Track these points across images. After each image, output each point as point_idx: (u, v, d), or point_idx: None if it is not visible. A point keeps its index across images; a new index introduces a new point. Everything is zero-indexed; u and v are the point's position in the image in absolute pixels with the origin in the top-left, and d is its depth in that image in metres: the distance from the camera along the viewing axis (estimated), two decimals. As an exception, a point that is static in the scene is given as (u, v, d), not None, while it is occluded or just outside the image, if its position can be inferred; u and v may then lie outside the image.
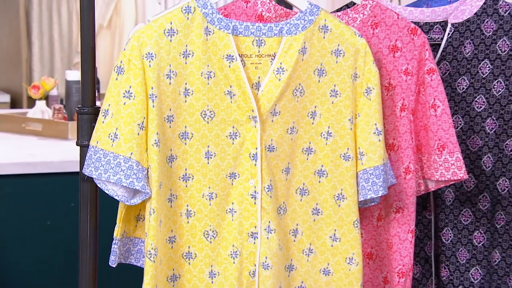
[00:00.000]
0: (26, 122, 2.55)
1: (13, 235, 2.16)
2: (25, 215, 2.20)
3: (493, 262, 1.53)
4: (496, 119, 1.49)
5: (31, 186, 2.22)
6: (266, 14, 1.44)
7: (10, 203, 2.21)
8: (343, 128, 1.36)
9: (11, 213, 2.20)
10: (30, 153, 2.35)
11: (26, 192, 2.22)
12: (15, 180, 2.21)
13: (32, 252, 2.17)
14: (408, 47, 1.42)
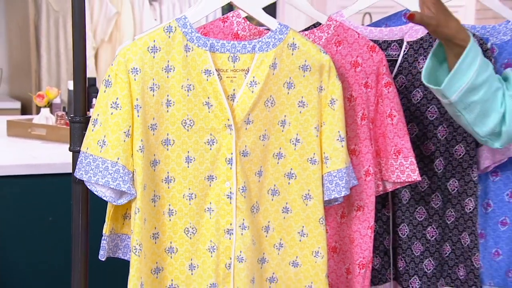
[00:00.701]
0: (31, 128, 2.52)
1: (18, 231, 2.12)
2: (29, 212, 2.16)
3: (444, 254, 1.51)
4: (446, 127, 1.47)
5: (35, 185, 2.19)
6: (241, 33, 1.40)
7: (16, 201, 2.17)
8: (310, 135, 1.34)
9: (17, 210, 2.16)
10: (34, 155, 2.31)
11: (30, 191, 2.18)
12: (21, 180, 2.17)
13: (35, 245, 2.13)
14: (367, 63, 1.39)
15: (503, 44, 1.50)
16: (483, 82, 1.25)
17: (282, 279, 1.37)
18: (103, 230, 1.31)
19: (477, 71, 1.24)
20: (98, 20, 3.92)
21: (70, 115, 1.37)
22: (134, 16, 4.02)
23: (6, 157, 2.30)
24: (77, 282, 1.36)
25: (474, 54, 1.24)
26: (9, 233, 2.11)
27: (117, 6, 3.94)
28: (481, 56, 1.25)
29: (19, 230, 2.13)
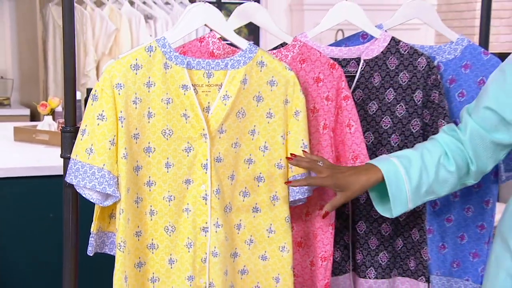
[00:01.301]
0: (36, 133, 2.49)
1: (22, 227, 2.09)
2: (33, 210, 2.13)
3: (397, 247, 1.50)
4: (399, 135, 1.46)
5: (39, 186, 2.16)
6: (216, 51, 1.39)
7: (21, 200, 2.14)
8: (277, 143, 1.33)
9: (22, 208, 2.13)
10: (38, 159, 2.29)
11: (34, 191, 2.15)
12: (26, 181, 2.14)
13: (37, 239, 2.11)
14: (328, 79, 1.38)
15: (447, 62, 1.50)
16: (419, 185, 1.22)
17: (252, 271, 1.36)
18: (91, 229, 1.30)
19: (409, 185, 1.22)
20: (99, 36, 3.89)
21: (62, 125, 1.35)
22: (131, 32, 3.99)
23: (13, 160, 2.28)
24: (68, 274, 1.34)
25: (394, 176, 1.21)
26: (14, 229, 2.09)
27: (116, 23, 3.90)
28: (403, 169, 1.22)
29: (24, 226, 2.11)
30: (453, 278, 1.55)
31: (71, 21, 1.33)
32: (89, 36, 3.85)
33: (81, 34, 3.91)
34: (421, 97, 1.44)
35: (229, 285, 1.32)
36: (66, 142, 1.32)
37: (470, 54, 1.48)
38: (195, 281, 1.30)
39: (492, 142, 1.24)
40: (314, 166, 1.24)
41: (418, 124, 1.45)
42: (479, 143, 1.25)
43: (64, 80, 1.32)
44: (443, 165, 1.24)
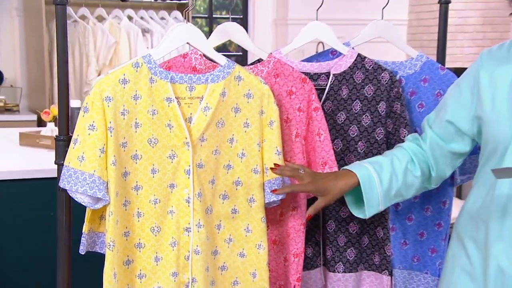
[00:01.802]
0: (39, 138, 2.46)
1: (26, 225, 2.06)
2: (36, 209, 2.10)
3: (363, 244, 1.50)
4: (365, 142, 1.46)
5: (41, 187, 2.13)
6: (198, 66, 1.38)
7: (25, 200, 2.11)
8: (253, 150, 1.32)
9: (26, 208, 2.10)
10: (41, 162, 2.25)
11: (36, 192, 2.12)
12: (30, 183, 2.11)
13: (39, 236, 2.08)
14: (300, 92, 1.38)
15: (408, 76, 1.49)
16: (389, 189, 1.22)
17: (231, 267, 1.34)
18: (83, 229, 1.28)
19: (381, 188, 1.21)
20: (101, 48, 3.86)
21: (55, 134, 1.33)
22: (130, 44, 3.96)
23: (18, 163, 2.25)
24: (62, 271, 1.33)
25: (368, 180, 1.21)
26: (16, 227, 2.06)
27: (116, 36, 3.87)
28: (375, 174, 1.21)
29: (25, 224, 2.08)
30: (414, 272, 1.55)
31: (64, 37, 1.32)
32: (91, 48, 3.82)
33: (84, 46, 3.88)
34: (384, 108, 1.44)
35: (210, 281, 1.31)
36: (59, 150, 1.30)
37: (428, 69, 1.48)
38: (179, 277, 1.28)
39: (450, 152, 1.24)
40: (296, 174, 1.23)
41: (382, 132, 1.45)
42: (438, 152, 1.25)
43: (58, 94, 1.31)
44: (410, 171, 1.24)
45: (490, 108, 1.15)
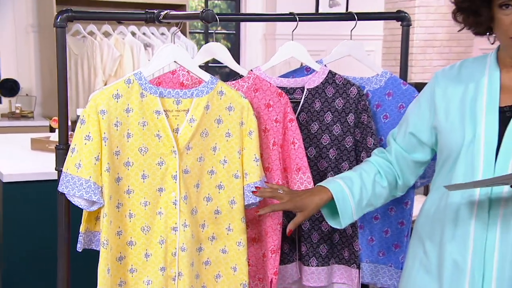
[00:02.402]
0: (49, 144, 2.44)
1: (37, 224, 2.03)
2: (45, 210, 2.06)
3: (334, 241, 1.49)
4: (336, 150, 1.45)
5: (50, 189, 2.09)
6: (185, 82, 1.37)
7: (36, 201, 2.07)
8: (234, 157, 1.32)
9: (36, 208, 2.06)
10: (50, 166, 2.22)
11: (46, 194, 2.06)
12: (40, 185, 2.08)
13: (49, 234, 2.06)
14: (277, 105, 1.37)
15: (374, 90, 1.49)
16: (361, 200, 1.21)
17: (214, 262, 1.34)
18: (80, 229, 1.27)
19: (353, 201, 1.20)
20: (107, 60, 3.84)
21: (56, 144, 1.32)
22: (133, 57, 3.95)
23: (29, 166, 2.22)
24: (62, 266, 1.32)
25: (341, 194, 1.19)
26: (26, 225, 2.04)
27: (120, 50, 3.85)
28: (347, 188, 1.20)
29: (34, 223, 2.06)
30: (380, 265, 1.55)
31: (64, 56, 1.31)
32: (98, 61, 3.80)
33: (92, 59, 3.86)
34: (353, 119, 1.44)
35: (195, 274, 1.31)
36: (59, 157, 1.30)
37: (392, 84, 1.48)
38: (167, 271, 1.28)
39: (413, 161, 1.24)
40: (276, 194, 1.22)
41: (351, 141, 1.45)
42: (403, 162, 1.25)
43: (58, 108, 1.30)
44: (378, 182, 1.24)
45: (444, 120, 1.15)
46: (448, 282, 1.13)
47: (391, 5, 4.75)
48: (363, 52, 1.49)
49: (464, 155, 1.10)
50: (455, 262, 1.12)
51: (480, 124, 1.09)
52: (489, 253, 1.08)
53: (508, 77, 1.12)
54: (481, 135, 1.09)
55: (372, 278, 1.54)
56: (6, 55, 4.07)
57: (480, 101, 1.11)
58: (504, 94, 1.11)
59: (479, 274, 1.09)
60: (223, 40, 4.89)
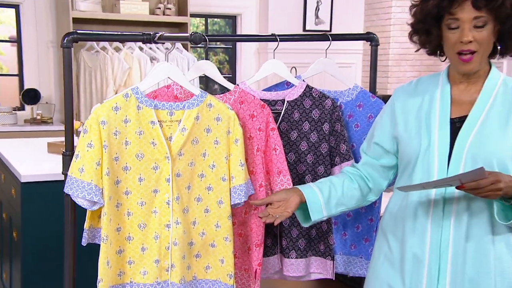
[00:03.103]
0: (63, 147, 2.38)
1: (52, 222, 1.98)
2: (60, 208, 2.05)
3: (312, 236, 1.49)
4: (313, 155, 1.45)
5: (62, 189, 2.07)
6: (179, 95, 1.37)
7: (51, 200, 2.02)
8: (222, 162, 1.31)
9: (52, 207, 2.00)
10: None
11: (58, 193, 2.05)
12: (55, 185, 2.02)
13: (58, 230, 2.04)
14: (260, 115, 1.37)
15: (347, 102, 1.49)
16: (330, 198, 1.19)
17: (204, 255, 1.33)
18: (84, 226, 1.27)
19: (321, 197, 1.18)
20: (117, 72, 3.83)
21: (63, 151, 1.32)
22: (140, 70, 3.93)
23: (46, 168, 2.19)
24: (68, 259, 1.31)
25: (311, 193, 1.17)
26: (40, 222, 2.01)
27: (129, 63, 3.84)
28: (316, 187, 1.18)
29: (48, 219, 2.03)
30: (352, 256, 1.54)
31: (70, 73, 1.30)
32: (109, 72, 3.79)
33: (104, 71, 3.85)
34: (328, 128, 1.43)
35: (186, 266, 1.30)
36: (65, 162, 1.29)
37: (362, 97, 1.47)
38: (161, 263, 1.27)
39: (380, 166, 1.23)
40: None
41: (326, 147, 1.44)
42: (371, 168, 1.24)
43: (65, 120, 1.29)
44: (347, 184, 1.22)
45: (403, 130, 1.15)
46: (409, 274, 1.13)
47: (370, 23, 4.75)
48: (336, 68, 1.49)
49: (421, 161, 1.10)
50: (414, 255, 1.12)
51: (434, 134, 1.09)
52: (444, 247, 1.08)
53: (457, 91, 1.12)
54: (435, 144, 1.09)
55: (345, 268, 1.54)
56: (29, 67, 4.07)
57: (433, 113, 1.11)
58: (455, 107, 1.11)
59: (435, 266, 1.09)
60: (222, 54, 4.88)
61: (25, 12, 3.97)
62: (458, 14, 1.03)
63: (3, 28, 4.23)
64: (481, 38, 1.03)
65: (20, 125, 3.84)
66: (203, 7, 4.38)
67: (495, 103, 1.07)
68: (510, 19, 1.04)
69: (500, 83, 1.09)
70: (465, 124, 1.07)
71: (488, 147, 1.04)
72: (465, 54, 1.04)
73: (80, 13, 3.68)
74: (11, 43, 4.19)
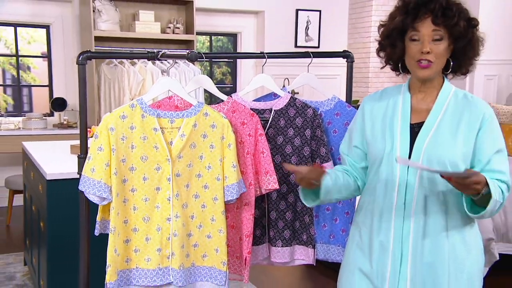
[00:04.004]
0: (84, 148, 2.41)
1: (69, 215, 1.95)
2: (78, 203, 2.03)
3: (295, 227, 1.48)
4: (296, 157, 1.44)
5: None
6: (179, 105, 1.36)
7: (73, 196, 2.00)
8: (216, 164, 1.30)
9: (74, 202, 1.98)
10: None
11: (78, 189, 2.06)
12: (75, 182, 2.00)
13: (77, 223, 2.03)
14: (250, 123, 1.36)
15: (326, 111, 1.47)
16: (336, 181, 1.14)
17: (201, 245, 1.32)
18: (97, 218, 1.26)
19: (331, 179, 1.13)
20: (132, 83, 3.83)
21: (78, 154, 1.31)
22: (152, 81, 3.92)
23: (68, 167, 2.15)
24: (83, 247, 1.30)
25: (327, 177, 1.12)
26: (64, 216, 1.97)
27: (143, 75, 3.84)
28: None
29: (74, 213, 2.00)
30: (330, 245, 1.52)
31: (84, 86, 1.29)
32: (126, 83, 3.79)
33: (121, 82, 3.84)
34: (309, 133, 1.42)
35: (185, 254, 1.29)
36: (80, 164, 1.28)
37: (339, 107, 1.46)
38: (162, 251, 1.26)
39: (361, 169, 1.19)
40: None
41: (308, 150, 1.43)
42: (355, 169, 1.20)
43: (80, 127, 1.28)
44: (346, 177, 1.17)
45: (370, 134, 1.15)
46: (376, 259, 1.13)
47: (353, 40, 4.74)
48: (317, 81, 1.48)
49: (385, 161, 1.10)
50: (381, 243, 1.12)
51: (396, 138, 1.10)
52: (405, 237, 1.09)
53: (416, 100, 1.13)
54: (397, 146, 1.09)
55: (325, 255, 1.52)
56: (57, 79, 4.07)
57: (396, 119, 1.12)
58: (414, 114, 1.11)
59: (398, 252, 1.10)
60: (225, 66, 4.87)
61: (54, 31, 3.98)
62: (419, 28, 1.05)
63: (36, 45, 4.24)
64: (437, 51, 1.05)
65: (49, 129, 3.84)
66: (208, 27, 4.37)
67: (447, 112, 1.09)
68: (463, 38, 1.06)
69: (451, 94, 1.11)
70: (422, 130, 1.09)
71: (441, 150, 1.06)
72: (424, 62, 1.06)
73: (101, 32, 3.68)
74: (43, 58, 4.19)
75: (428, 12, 1.04)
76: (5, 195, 3.79)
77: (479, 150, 1.05)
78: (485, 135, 1.05)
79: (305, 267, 2.66)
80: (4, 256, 2.79)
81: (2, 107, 4.01)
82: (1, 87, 4.09)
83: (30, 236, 2.45)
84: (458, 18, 1.03)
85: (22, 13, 3.86)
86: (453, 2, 1.05)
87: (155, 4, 3.98)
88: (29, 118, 3.81)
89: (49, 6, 3.92)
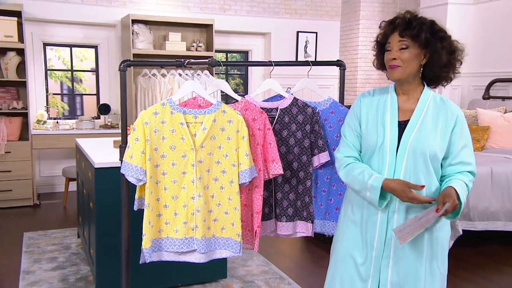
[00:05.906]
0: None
1: (115, 198, 1.93)
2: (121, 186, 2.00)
3: (297, 206, 1.45)
4: (298, 148, 1.41)
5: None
6: (202, 104, 1.34)
7: (114, 182, 1.95)
8: (232, 153, 1.28)
9: (115, 188, 1.92)
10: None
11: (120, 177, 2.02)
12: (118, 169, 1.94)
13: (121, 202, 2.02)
14: (259, 119, 1.33)
15: (323, 110, 1.44)
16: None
17: (220, 220, 1.30)
18: (135, 196, 1.25)
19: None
20: (163, 91, 3.83)
21: (119, 144, 1.30)
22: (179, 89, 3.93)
23: (112, 158, 2.15)
24: (124, 220, 1.30)
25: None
26: (110, 198, 1.96)
27: (172, 85, 3.84)
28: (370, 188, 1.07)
29: (117, 195, 1.99)
30: (326, 221, 1.50)
31: (125, 90, 1.28)
32: (158, 92, 3.79)
33: (153, 91, 3.85)
34: (309, 128, 1.39)
35: (207, 227, 1.28)
36: (121, 152, 1.27)
37: (334, 106, 1.43)
38: (188, 224, 1.25)
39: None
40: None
41: (308, 142, 1.40)
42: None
43: (121, 125, 1.27)
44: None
45: (365, 128, 1.13)
46: (365, 230, 1.11)
47: (343, 57, 4.68)
48: (315, 85, 1.45)
49: (377, 153, 1.09)
50: (370, 216, 1.10)
51: (386, 132, 1.09)
52: (391, 212, 1.08)
53: (401, 101, 1.13)
54: (387, 140, 1.08)
55: (321, 229, 1.50)
56: (103, 88, 4.10)
57: (386, 116, 1.11)
58: (401, 112, 1.11)
59: (384, 224, 1.09)
60: (238, 78, 4.86)
61: (101, 50, 4.01)
62: (390, 40, 1.09)
63: (87, 62, 4.28)
64: (403, 57, 1.07)
65: (97, 129, 3.88)
66: (225, 45, 4.38)
67: (428, 112, 1.09)
68: (430, 47, 1.06)
69: (431, 97, 1.11)
70: (408, 126, 1.08)
71: (424, 143, 1.06)
72: (392, 65, 1.08)
73: (138, 50, 3.69)
74: (92, 72, 4.23)
75: (397, 28, 1.08)
76: (62, 182, 3.88)
77: (452, 144, 1.08)
78: (458, 133, 1.08)
79: (305, 241, 2.64)
80: (62, 231, 2.85)
81: (60, 112, 4.06)
82: (59, 96, 4.16)
83: (82, 214, 2.47)
84: (419, 30, 1.05)
85: (76, 36, 3.91)
86: (415, 17, 1.06)
87: (182, 27, 4.00)
88: (81, 120, 3.85)
89: (97, 30, 3.96)
